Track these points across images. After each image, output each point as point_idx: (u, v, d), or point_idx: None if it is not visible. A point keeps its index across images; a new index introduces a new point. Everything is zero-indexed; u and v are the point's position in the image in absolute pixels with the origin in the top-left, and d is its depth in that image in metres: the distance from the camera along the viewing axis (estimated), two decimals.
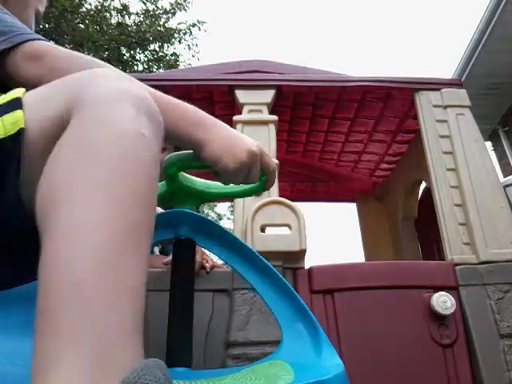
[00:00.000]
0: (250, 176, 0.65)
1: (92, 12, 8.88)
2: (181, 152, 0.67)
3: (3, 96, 0.48)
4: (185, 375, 0.66)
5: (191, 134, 0.59)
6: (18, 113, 0.45)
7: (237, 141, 0.62)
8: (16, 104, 0.45)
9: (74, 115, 0.42)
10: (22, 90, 0.49)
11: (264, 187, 0.75)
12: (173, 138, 0.61)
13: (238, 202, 1.58)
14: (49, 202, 0.39)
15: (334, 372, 0.61)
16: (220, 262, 1.45)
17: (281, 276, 0.78)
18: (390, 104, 2.19)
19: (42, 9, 0.90)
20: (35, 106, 0.45)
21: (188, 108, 0.63)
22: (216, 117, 0.67)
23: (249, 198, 1.56)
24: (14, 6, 0.80)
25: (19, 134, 0.43)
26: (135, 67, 9.30)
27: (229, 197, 0.83)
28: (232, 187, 0.78)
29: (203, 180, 0.79)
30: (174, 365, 0.68)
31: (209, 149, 0.60)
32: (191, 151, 0.64)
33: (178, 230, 0.78)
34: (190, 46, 9.82)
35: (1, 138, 0.43)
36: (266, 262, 0.78)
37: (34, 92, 0.48)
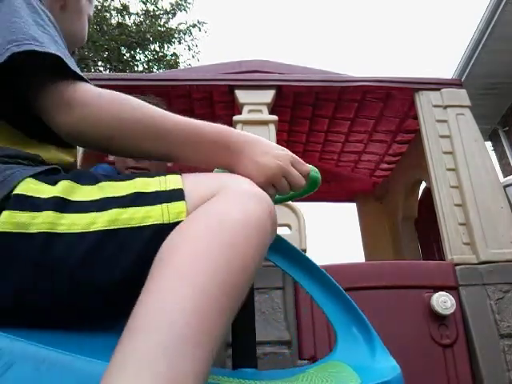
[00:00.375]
0: (291, 182, 0.66)
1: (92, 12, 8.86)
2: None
3: (161, 179, 0.54)
4: (255, 376, 0.67)
5: (219, 160, 0.62)
6: (182, 204, 0.51)
7: (262, 158, 0.62)
8: (180, 195, 0.52)
9: (215, 196, 0.51)
10: (180, 178, 0.54)
11: (308, 190, 0.78)
12: (201, 163, 0.64)
13: None
14: (165, 252, 0.46)
15: (395, 373, 0.65)
16: None
17: (333, 280, 0.79)
18: (390, 104, 2.19)
19: (91, 13, 0.90)
20: (190, 198, 0.52)
21: (217, 131, 0.62)
22: (216, 117, 0.67)
23: None
24: (71, 14, 0.79)
25: (180, 222, 0.50)
26: (135, 67, 9.30)
27: (276, 203, 0.87)
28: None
29: None
30: (242, 365, 0.70)
31: (238, 171, 0.62)
32: None
33: None
34: (190, 46, 9.83)
35: (165, 223, 0.50)
36: (318, 267, 0.80)
37: (187, 185, 0.54)
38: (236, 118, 1.81)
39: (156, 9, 9.59)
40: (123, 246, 0.49)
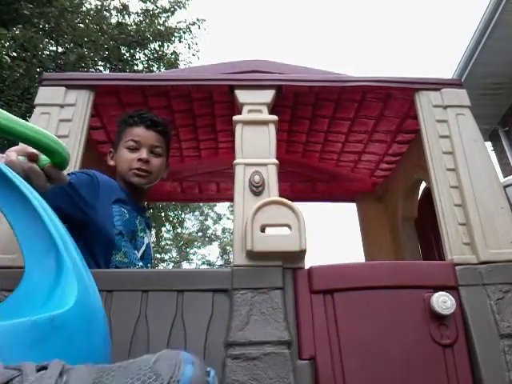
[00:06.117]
0: None
1: (92, 12, 8.87)
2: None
3: None
4: None
5: None
6: None
7: None
8: None
9: None
10: None
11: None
12: None
13: (238, 201, 1.58)
14: None
15: (63, 309, 0.60)
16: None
17: (30, 198, 0.67)
18: (390, 104, 2.19)
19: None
20: None
21: None
22: (216, 117, 0.66)
23: (249, 198, 1.57)
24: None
25: None
26: (135, 66, 9.28)
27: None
28: None
29: None
30: None
31: None
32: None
33: None
34: (190, 44, 9.81)
35: None
36: (17, 184, 0.68)
37: None
38: (236, 118, 1.80)
39: (155, 8, 9.59)
40: None
